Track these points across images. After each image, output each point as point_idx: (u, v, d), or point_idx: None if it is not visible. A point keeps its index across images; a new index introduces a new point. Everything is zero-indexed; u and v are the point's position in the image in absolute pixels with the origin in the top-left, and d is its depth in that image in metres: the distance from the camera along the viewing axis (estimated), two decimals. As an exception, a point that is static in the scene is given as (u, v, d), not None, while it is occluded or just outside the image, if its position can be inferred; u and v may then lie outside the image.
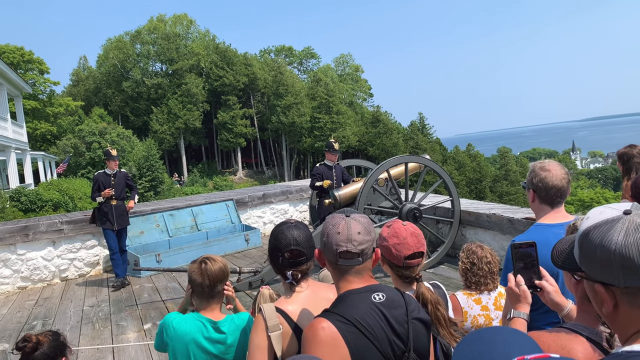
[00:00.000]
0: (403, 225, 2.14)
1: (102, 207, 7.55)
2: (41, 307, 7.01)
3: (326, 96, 62.18)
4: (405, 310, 1.68)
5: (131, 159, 44.82)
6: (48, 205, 20.20)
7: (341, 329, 1.57)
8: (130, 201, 7.92)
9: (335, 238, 1.67)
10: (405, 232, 2.11)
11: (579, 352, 1.24)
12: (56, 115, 47.45)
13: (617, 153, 4.44)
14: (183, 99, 58.62)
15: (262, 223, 10.69)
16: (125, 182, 7.78)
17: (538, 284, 1.75)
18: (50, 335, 2.46)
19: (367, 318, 1.61)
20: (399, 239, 2.09)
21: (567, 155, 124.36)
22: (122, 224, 7.66)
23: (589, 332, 1.29)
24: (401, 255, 2.08)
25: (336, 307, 1.65)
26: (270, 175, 64.90)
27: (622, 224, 1.01)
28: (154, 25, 61.77)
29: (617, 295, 1.03)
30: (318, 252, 1.80)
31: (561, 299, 1.75)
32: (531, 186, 2.49)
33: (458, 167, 62.06)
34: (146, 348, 5.21)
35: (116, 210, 7.57)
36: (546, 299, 1.76)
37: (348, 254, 1.67)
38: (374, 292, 1.68)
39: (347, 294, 1.68)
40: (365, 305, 1.64)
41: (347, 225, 1.68)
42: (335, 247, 1.67)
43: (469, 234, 7.28)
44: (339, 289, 1.74)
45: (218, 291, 2.45)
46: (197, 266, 2.44)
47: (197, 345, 2.36)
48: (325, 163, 8.03)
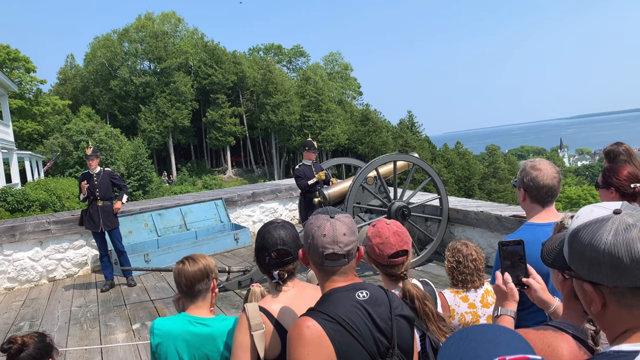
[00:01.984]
0: (386, 224, 2.16)
1: (89, 208, 7.34)
2: (28, 308, 6.95)
3: (315, 94, 62.16)
4: (388, 308, 1.69)
5: (119, 158, 44.52)
6: (35, 205, 19.99)
7: (326, 327, 1.57)
8: (117, 202, 7.51)
9: (321, 240, 1.67)
10: (387, 231, 2.14)
11: (564, 350, 1.25)
12: (43, 114, 46.95)
13: (604, 150, 4.47)
14: (171, 97, 58.30)
15: (251, 222, 10.67)
16: (110, 182, 7.45)
17: (525, 281, 1.76)
18: (36, 336, 2.44)
19: (352, 316, 1.61)
20: (382, 238, 2.12)
21: (555, 153, 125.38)
22: (110, 226, 7.35)
23: (574, 330, 1.31)
24: (384, 254, 2.11)
25: (321, 306, 1.66)
26: (260, 174, 64.79)
27: (612, 224, 1.01)
28: (142, 24, 61.37)
29: (605, 294, 1.04)
30: (302, 253, 1.80)
31: (548, 297, 1.77)
32: (522, 185, 2.48)
33: (447, 165, 62.39)
34: (135, 348, 5.19)
35: (102, 212, 7.28)
36: (533, 296, 1.78)
37: (334, 256, 1.67)
38: (358, 290, 1.69)
39: (332, 292, 1.69)
40: (350, 303, 1.65)
41: (332, 227, 1.68)
42: (321, 249, 1.67)
43: (457, 232, 7.32)
44: (323, 288, 1.75)
45: (199, 290, 2.42)
46: (175, 266, 2.45)
47: (182, 341, 2.35)
48: (304, 163, 7.91)
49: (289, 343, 1.64)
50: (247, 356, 1.86)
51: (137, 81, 58.30)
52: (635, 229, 0.98)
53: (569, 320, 1.37)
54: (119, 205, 7.51)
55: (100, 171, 7.43)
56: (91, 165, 7.39)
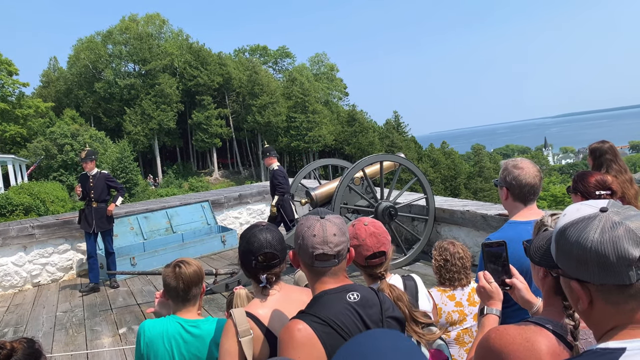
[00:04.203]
0: (364, 225, 2.16)
1: (84, 209, 7.49)
2: (12, 314, 6.86)
3: (302, 95, 62.16)
4: (379, 309, 1.69)
5: (104, 161, 44.15)
6: (19, 210, 19.78)
7: (317, 330, 1.57)
8: (111, 204, 7.68)
9: (311, 240, 1.67)
10: (364, 233, 2.14)
11: (543, 345, 1.27)
12: (26, 117, 46.44)
13: (590, 147, 4.47)
14: (157, 99, 57.90)
15: (238, 224, 10.63)
16: (106, 184, 7.59)
17: (509, 282, 1.80)
18: (25, 342, 2.40)
19: (343, 318, 1.61)
20: (359, 240, 2.12)
21: (539, 152, 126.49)
22: (103, 227, 7.48)
23: (554, 325, 1.32)
24: (362, 256, 2.12)
25: (311, 308, 1.65)
26: (247, 176, 64.59)
27: (599, 222, 1.02)
28: (126, 25, 60.86)
29: (592, 292, 1.05)
30: (293, 254, 1.79)
31: (531, 297, 1.80)
32: (504, 184, 2.51)
33: (433, 164, 62.68)
34: (121, 353, 5.15)
35: (96, 213, 7.42)
36: (517, 296, 1.81)
37: (324, 257, 1.67)
38: (349, 291, 1.69)
39: (322, 294, 1.68)
40: (341, 305, 1.64)
41: (322, 227, 1.68)
42: (311, 249, 1.66)
43: (443, 231, 7.35)
44: (314, 290, 1.74)
45: (194, 294, 2.44)
46: (171, 270, 2.42)
47: (175, 343, 2.34)
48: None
49: (279, 346, 1.63)
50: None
51: (121, 83, 57.81)
52: (622, 227, 0.99)
53: (549, 316, 1.39)
54: (112, 207, 7.63)
55: (97, 173, 7.59)
56: (86, 168, 7.57)
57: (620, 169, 4.17)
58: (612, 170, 4.09)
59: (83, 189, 7.52)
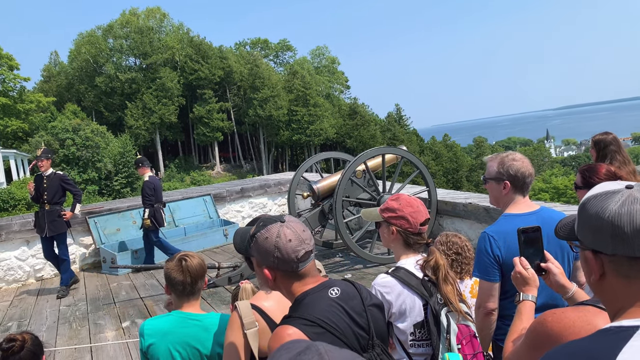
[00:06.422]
0: (410, 196, 2.33)
1: (38, 211, 7.12)
2: (16, 308, 6.88)
3: (303, 89, 62.10)
4: (360, 300, 1.70)
5: (106, 155, 44.24)
6: (21, 204, 19.83)
7: (307, 332, 1.55)
8: (68, 212, 7.17)
9: (290, 246, 1.63)
10: (416, 201, 2.32)
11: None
12: (27, 112, 46.48)
13: (593, 139, 4.43)
14: (158, 93, 57.92)
15: (240, 217, 10.63)
16: (60, 186, 7.09)
17: (544, 266, 1.80)
18: (30, 334, 2.45)
19: (330, 315, 1.61)
20: (414, 207, 2.28)
21: (541, 144, 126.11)
22: (55, 231, 7.02)
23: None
24: (417, 222, 2.25)
25: (297, 311, 1.64)
26: (249, 169, 64.64)
27: (621, 196, 1.03)
28: (127, 19, 60.84)
29: (605, 263, 1.06)
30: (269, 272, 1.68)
31: (566, 282, 1.80)
32: (507, 177, 2.51)
33: (435, 157, 62.69)
34: (125, 346, 5.16)
35: (48, 216, 6.97)
36: (552, 281, 1.81)
37: (306, 255, 1.66)
38: (329, 287, 1.69)
39: (304, 295, 1.67)
40: (325, 302, 1.64)
41: (291, 230, 1.66)
42: (293, 254, 1.63)
43: (446, 224, 7.35)
44: (294, 293, 1.69)
45: (199, 288, 2.43)
46: (176, 264, 2.39)
47: (177, 339, 2.34)
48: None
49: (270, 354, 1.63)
50: (240, 355, 1.84)
51: (122, 77, 57.83)
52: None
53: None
54: (69, 215, 7.20)
55: (52, 174, 7.12)
56: (41, 167, 7.08)
57: (624, 160, 4.16)
58: (615, 162, 4.07)
59: (36, 190, 7.06)
